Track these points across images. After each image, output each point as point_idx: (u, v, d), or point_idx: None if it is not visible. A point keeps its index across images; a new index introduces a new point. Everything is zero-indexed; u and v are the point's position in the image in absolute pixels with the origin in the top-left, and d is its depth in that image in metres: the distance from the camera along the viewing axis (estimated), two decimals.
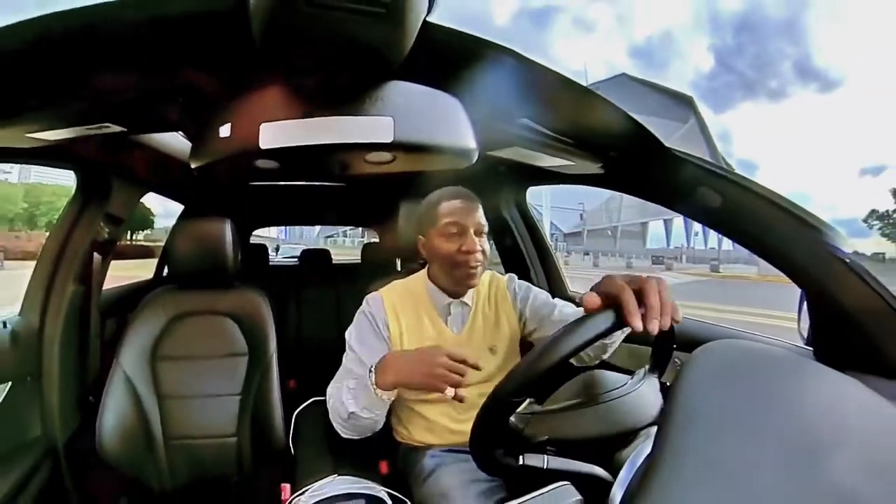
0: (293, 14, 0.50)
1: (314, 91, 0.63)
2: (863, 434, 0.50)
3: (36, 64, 0.59)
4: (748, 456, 0.46)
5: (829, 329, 0.77)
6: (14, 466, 1.12)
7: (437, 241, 1.17)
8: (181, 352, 1.36)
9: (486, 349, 1.21)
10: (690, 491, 0.42)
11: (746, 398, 0.54)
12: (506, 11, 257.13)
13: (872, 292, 0.68)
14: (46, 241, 1.35)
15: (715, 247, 46.34)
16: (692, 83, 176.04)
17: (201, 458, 1.33)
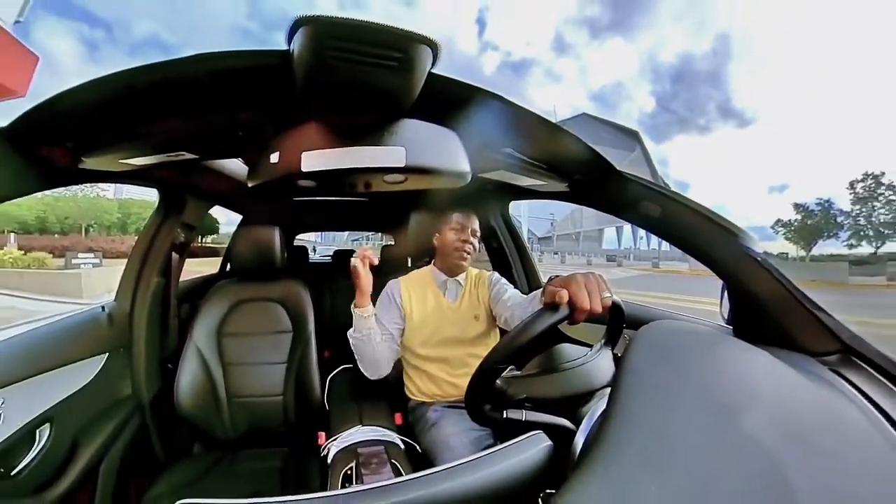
0: (327, 68, 0.50)
1: (343, 127, 0.62)
2: (771, 394, 0.51)
3: (126, 106, 0.59)
4: (680, 411, 0.46)
5: (744, 312, 0.77)
6: (111, 418, 1.12)
7: (448, 234, 1.30)
8: (241, 329, 1.37)
9: (472, 317, 1.28)
10: (635, 438, 0.43)
11: (679, 366, 0.54)
12: (492, 64, 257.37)
13: (778, 283, 0.68)
14: (135, 244, 1.34)
15: (655, 247, 46.33)
16: (638, 120, 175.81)
17: (256, 412, 1.33)
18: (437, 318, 1.25)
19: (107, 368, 1.15)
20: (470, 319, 1.28)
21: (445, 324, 1.25)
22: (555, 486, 0.41)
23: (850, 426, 0.47)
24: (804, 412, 0.49)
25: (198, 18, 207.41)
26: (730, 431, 0.44)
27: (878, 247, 29.75)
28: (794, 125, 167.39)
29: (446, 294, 1.31)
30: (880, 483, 0.39)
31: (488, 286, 1.32)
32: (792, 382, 0.54)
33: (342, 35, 0.46)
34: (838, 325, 0.66)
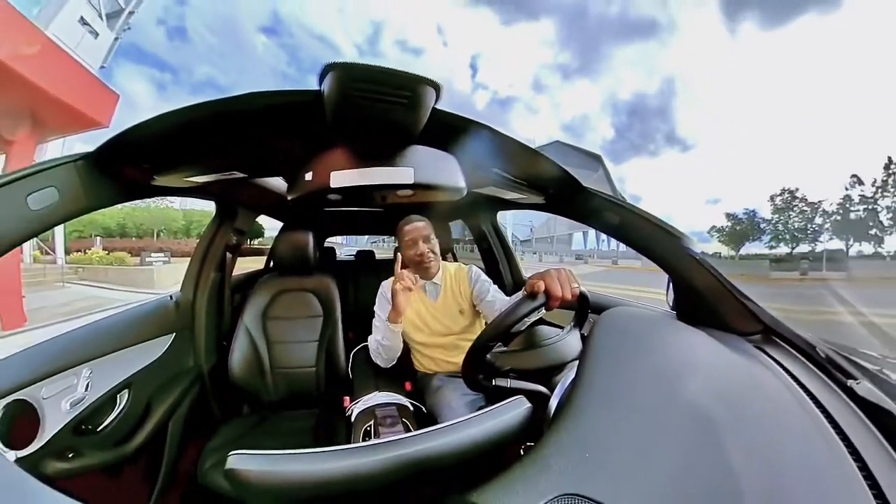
0: (351, 104, 0.50)
1: (364, 151, 0.62)
2: (706, 366, 0.51)
3: (190, 134, 0.59)
4: (634, 379, 0.46)
5: (685, 300, 0.76)
6: (177, 385, 1.12)
7: (404, 251, 1.19)
8: (282, 314, 1.36)
9: (457, 311, 1.21)
10: (598, 401, 0.43)
11: (633, 343, 0.54)
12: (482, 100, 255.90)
13: (712, 276, 0.68)
14: (197, 246, 1.33)
15: (614, 248, 46.17)
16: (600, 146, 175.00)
17: (294, 381, 1.32)
18: (424, 316, 1.20)
19: (174, 345, 1.14)
20: (455, 315, 1.20)
21: (432, 321, 1.21)
22: (533, 439, 0.42)
23: (771, 392, 0.47)
24: (733, 380, 0.49)
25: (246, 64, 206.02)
26: (673, 395, 0.43)
27: (793, 248, 30.18)
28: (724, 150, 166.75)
29: (427, 295, 1.24)
30: (794, 437, 0.39)
31: (469, 282, 1.24)
32: (723, 356, 0.54)
33: (363, 77, 0.46)
34: (761, 310, 0.66)
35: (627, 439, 0.38)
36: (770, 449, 0.37)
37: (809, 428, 0.40)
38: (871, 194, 26.91)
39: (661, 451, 0.37)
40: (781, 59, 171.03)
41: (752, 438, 0.38)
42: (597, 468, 0.35)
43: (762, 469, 0.34)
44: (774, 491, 0.32)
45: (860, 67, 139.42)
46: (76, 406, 0.78)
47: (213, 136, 0.61)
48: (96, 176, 0.60)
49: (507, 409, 0.43)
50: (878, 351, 0.62)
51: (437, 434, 0.38)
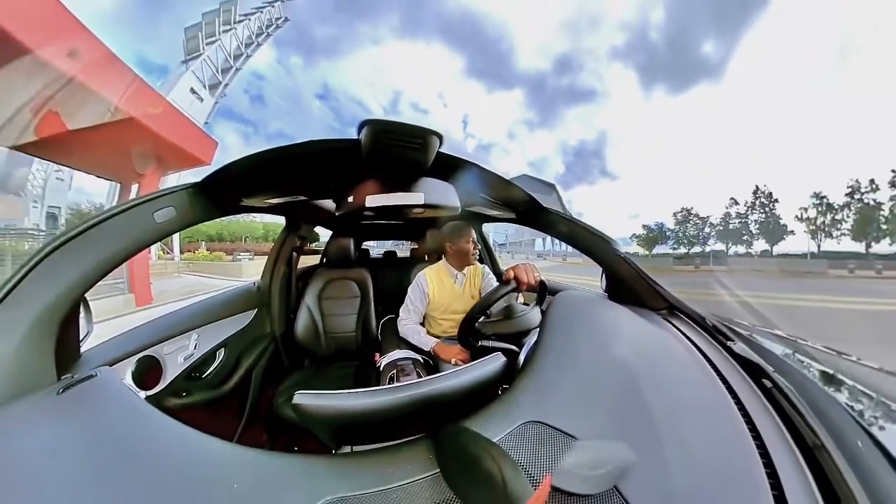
0: (381, 148, 0.50)
1: (389, 182, 0.61)
2: (629, 332, 0.50)
3: (267, 169, 0.58)
4: (579, 341, 0.46)
5: (613, 285, 0.75)
6: (258, 345, 1.10)
7: (464, 245, 1.15)
8: (332, 295, 1.35)
9: (470, 296, 1.20)
10: (553, 356, 0.42)
11: (579, 316, 0.53)
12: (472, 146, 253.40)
13: (632, 268, 0.67)
14: (272, 248, 1.32)
15: (565, 249, 46.05)
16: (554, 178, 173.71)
17: (341, 342, 1.31)
18: (449, 298, 1.17)
19: (256, 317, 1.13)
20: (468, 298, 1.19)
21: (454, 302, 1.19)
22: (508, 383, 0.41)
23: (674, 350, 0.46)
24: (647, 341, 0.48)
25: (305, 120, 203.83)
26: (606, 351, 0.43)
27: (689, 249, 31.51)
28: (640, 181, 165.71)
29: (456, 282, 1.19)
30: (690, 383, 0.39)
31: (482, 277, 1.24)
32: (640, 325, 0.54)
33: (389, 129, 0.45)
34: (666, 292, 0.65)
35: (574, 382, 0.38)
36: (674, 390, 0.37)
37: (701, 376, 0.40)
38: (744, 211, 29.12)
39: (597, 390, 0.37)
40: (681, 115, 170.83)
41: (661, 382, 0.38)
42: (552, 403, 0.35)
43: (668, 403, 0.34)
44: (676, 418, 0.32)
45: (736, 122, 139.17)
46: (187, 360, 0.78)
47: (284, 171, 0.60)
48: (201, 199, 0.60)
49: (489, 362, 0.43)
50: (748, 320, 0.62)
51: (439, 380, 0.38)
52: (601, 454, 0.27)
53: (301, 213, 1.25)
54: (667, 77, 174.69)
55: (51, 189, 12.23)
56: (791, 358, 0.46)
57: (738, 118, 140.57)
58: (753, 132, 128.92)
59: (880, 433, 0.29)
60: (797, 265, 19.15)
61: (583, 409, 0.34)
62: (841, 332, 3.89)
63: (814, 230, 25.47)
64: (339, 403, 0.34)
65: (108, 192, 10.43)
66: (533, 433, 0.31)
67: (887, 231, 22.85)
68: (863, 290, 9.14)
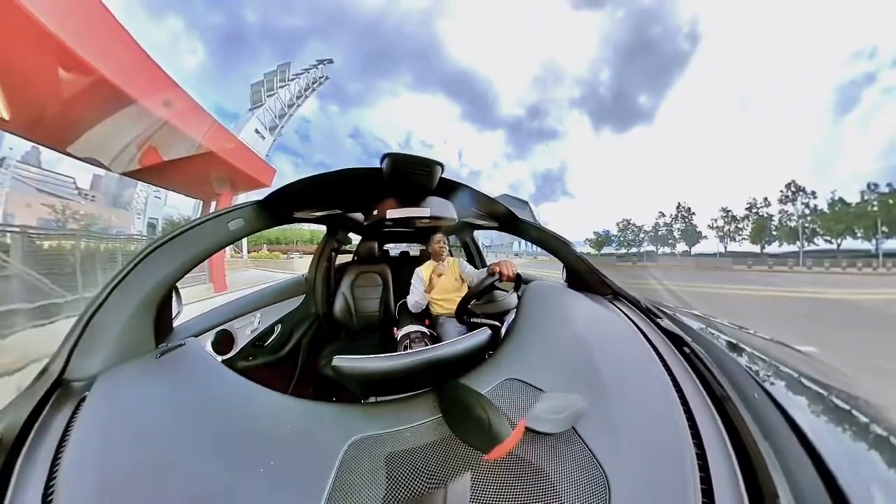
0: (398, 175, 0.50)
1: (404, 200, 0.60)
2: (583, 313, 0.48)
3: (314, 188, 0.56)
4: (545, 319, 0.43)
5: (571, 277, 0.72)
6: (306, 322, 1.08)
7: (432, 245, 1.21)
8: (362, 284, 1.33)
9: (454, 280, 1.21)
10: (527, 331, 0.40)
11: (546, 300, 0.51)
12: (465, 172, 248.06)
13: (585, 263, 0.65)
14: (316, 249, 1.29)
15: (536, 250, 45.54)
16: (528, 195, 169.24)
17: (368, 319, 1.28)
18: (439, 283, 1.18)
19: (304, 301, 1.11)
20: (452, 282, 1.22)
21: (444, 286, 1.20)
22: (493, 349, 0.40)
23: (618, 327, 0.44)
24: (598, 319, 0.47)
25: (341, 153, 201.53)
26: (567, 327, 0.42)
27: (627, 250, 32.27)
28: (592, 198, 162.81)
29: (439, 271, 1.24)
30: (630, 352, 0.37)
31: (458, 266, 1.27)
32: (592, 307, 0.52)
33: (404, 160, 0.45)
34: (611, 281, 0.63)
35: (542, 350, 0.37)
36: (617, 355, 0.36)
37: (638, 345, 0.38)
38: (669, 221, 30.48)
39: (560, 356, 0.36)
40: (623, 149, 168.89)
41: (608, 350, 0.37)
42: (526, 364, 0.34)
43: (613, 365, 0.33)
44: (619, 376, 0.31)
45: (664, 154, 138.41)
46: (253, 332, 0.77)
47: (325, 191, 0.59)
48: (263, 212, 0.58)
49: (479, 334, 0.41)
50: (672, 303, 0.61)
51: (441, 347, 0.37)
52: (563, 403, 0.27)
53: (338, 222, 1.24)
54: (612, 120, 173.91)
55: (150, 204, 12.92)
56: (704, 332, 0.45)
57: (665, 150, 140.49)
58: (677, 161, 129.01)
59: (770, 387, 0.29)
60: (709, 262, 19.93)
61: (549, 370, 0.34)
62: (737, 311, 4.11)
63: (721, 235, 28.35)
64: (367, 365, 0.34)
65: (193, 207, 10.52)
66: (512, 387, 0.31)
67: (776, 236, 25.64)
68: (757, 280, 9.11)
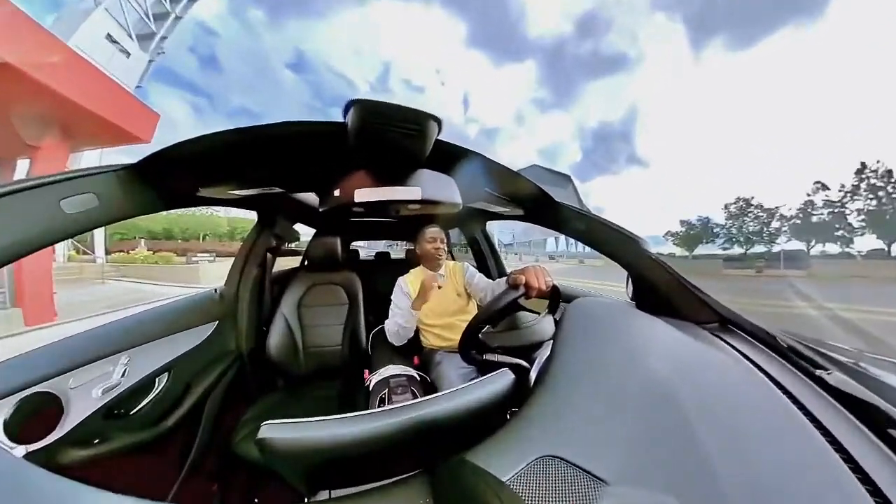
0: (370, 134, 0.49)
1: (381, 174, 0.62)
2: (664, 346, 0.48)
3: (232, 153, 0.55)
4: (600, 356, 0.44)
5: (642, 292, 0.72)
6: (218, 366, 1.07)
7: (425, 245, 1.30)
8: (314, 303, 1.35)
9: (455, 295, 1.27)
10: (570, 373, 0.42)
11: (600, 327, 0.52)
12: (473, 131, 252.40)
13: (666, 271, 0.65)
14: (241, 247, 1.29)
15: (581, 250, 46.30)
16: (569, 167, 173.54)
17: (323, 357, 1.30)
18: (433, 300, 1.21)
19: (217, 331, 1.10)
20: (454, 298, 1.27)
21: (439, 304, 1.24)
22: (517, 405, 0.40)
23: (731, 374, 0.42)
24: (690, 360, 0.45)
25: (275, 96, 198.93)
26: (636, 371, 0.40)
27: (747, 249, 27.20)
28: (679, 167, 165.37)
29: (437, 282, 1.27)
30: (762, 420, 0.33)
31: (464, 274, 1.32)
32: (679, 340, 0.50)
33: (381, 112, 0.44)
34: (715, 302, 0.62)
35: (596, 409, 0.35)
36: (738, 428, 0.32)
37: (778, 412, 0.34)
38: (838, 198, 23.14)
39: (627, 420, 0.33)
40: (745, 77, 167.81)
41: (717, 417, 0.33)
42: (571, 433, 0.33)
43: (730, 442, 0.30)
44: (743, 463, 0.27)
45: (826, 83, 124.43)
46: (109, 392, 0.68)
47: (255, 157, 0.58)
48: (139, 186, 0.55)
49: (495, 379, 0.42)
50: (849, 343, 0.51)
51: (438, 400, 0.37)
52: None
53: (277, 207, 1.23)
54: (730, 25, 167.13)
55: None
56: None
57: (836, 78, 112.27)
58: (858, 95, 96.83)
59: None
60: None
61: (612, 443, 0.31)
62: None
63: None
64: (315, 435, 0.32)
65: None
66: (550, 471, 0.29)
67: None
68: None
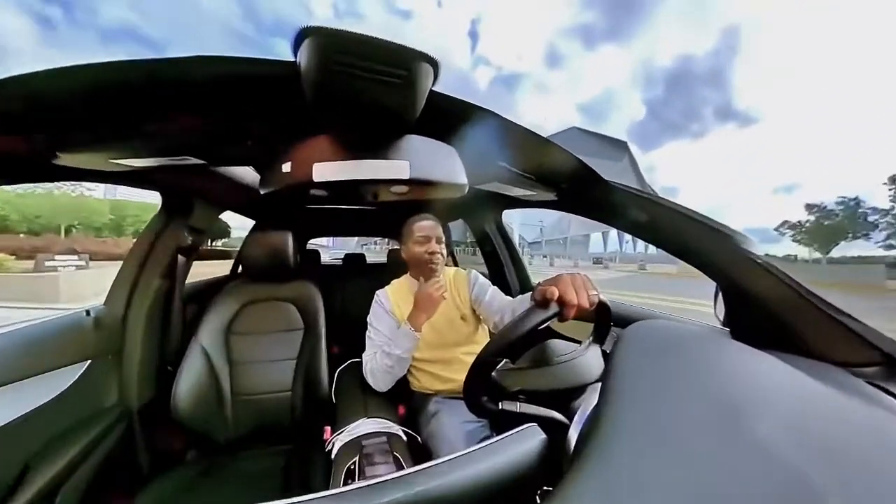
0: (332, 80, 0.49)
1: (353, 141, 0.63)
2: (785, 400, 0.45)
3: (116, 101, 0.53)
4: (677, 409, 0.42)
5: (742, 314, 0.70)
6: (91, 429, 1.02)
7: (413, 247, 1.29)
8: (251, 328, 1.35)
9: (458, 318, 1.30)
10: (630, 435, 0.40)
11: (673, 364, 0.51)
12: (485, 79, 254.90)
13: (784, 285, 0.62)
14: (133, 247, 1.26)
15: (642, 251, 46.37)
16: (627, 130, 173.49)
17: (262, 409, 1.29)
18: (426, 326, 1.22)
19: (87, 377, 1.05)
20: (456, 322, 1.28)
21: (434, 329, 1.25)
22: (551, 482, 0.38)
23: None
24: (835, 425, 0.41)
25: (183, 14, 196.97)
26: (737, 434, 0.38)
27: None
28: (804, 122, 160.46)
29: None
30: None
31: (468, 286, 1.33)
32: (813, 391, 0.47)
33: (348, 49, 0.43)
34: (875, 333, 0.57)
35: (673, 490, 0.33)
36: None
37: None
38: None
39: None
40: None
41: None
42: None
43: None
44: None
45: None
46: None
47: (154, 109, 0.56)
48: None
49: (518, 440, 0.42)
50: None
51: (433, 472, 0.37)
52: None
53: (193, 187, 1.23)
54: None
55: None
56: None
57: None
58: None
59: None
60: None
61: None
62: None
63: None
64: None
65: None
66: None
67: None
68: None
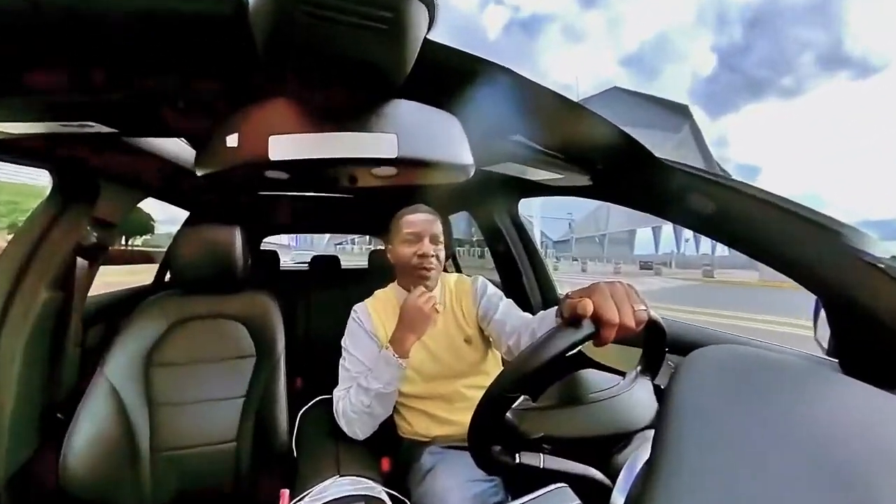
0: (292, 24, 0.48)
1: (321, 106, 0.63)
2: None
3: None
4: (761, 466, 0.40)
5: (857, 339, 0.69)
6: None
7: (400, 248, 1.31)
8: (181, 357, 1.31)
9: (461, 340, 1.29)
10: (696, 501, 0.38)
11: (756, 405, 0.48)
12: (497, 23, 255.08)
13: None
14: (8, 245, 1.23)
15: (708, 252, 46.00)
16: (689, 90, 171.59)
17: (194, 467, 1.25)
18: (417, 350, 1.21)
19: None
20: (458, 346, 1.28)
21: (429, 354, 1.25)
22: None
23: None
24: None
25: None
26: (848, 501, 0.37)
27: None
28: None
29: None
30: None
31: (474, 297, 1.33)
32: None
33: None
34: None
35: None
36: None
37: None
38: None
39: None
40: None
41: None
42: None
43: None
44: None
45: None
46: None
47: (42, 53, 0.55)
48: None
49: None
50: None
51: None
52: None
53: (101, 164, 1.22)
54: None
55: None
56: None
57: None
58: None
59: None
60: None
61: None
62: None
63: None
64: None
65: None
66: None
67: None
68: None
